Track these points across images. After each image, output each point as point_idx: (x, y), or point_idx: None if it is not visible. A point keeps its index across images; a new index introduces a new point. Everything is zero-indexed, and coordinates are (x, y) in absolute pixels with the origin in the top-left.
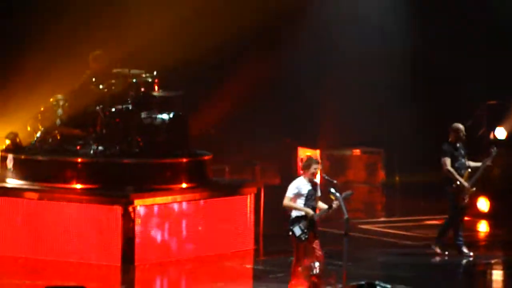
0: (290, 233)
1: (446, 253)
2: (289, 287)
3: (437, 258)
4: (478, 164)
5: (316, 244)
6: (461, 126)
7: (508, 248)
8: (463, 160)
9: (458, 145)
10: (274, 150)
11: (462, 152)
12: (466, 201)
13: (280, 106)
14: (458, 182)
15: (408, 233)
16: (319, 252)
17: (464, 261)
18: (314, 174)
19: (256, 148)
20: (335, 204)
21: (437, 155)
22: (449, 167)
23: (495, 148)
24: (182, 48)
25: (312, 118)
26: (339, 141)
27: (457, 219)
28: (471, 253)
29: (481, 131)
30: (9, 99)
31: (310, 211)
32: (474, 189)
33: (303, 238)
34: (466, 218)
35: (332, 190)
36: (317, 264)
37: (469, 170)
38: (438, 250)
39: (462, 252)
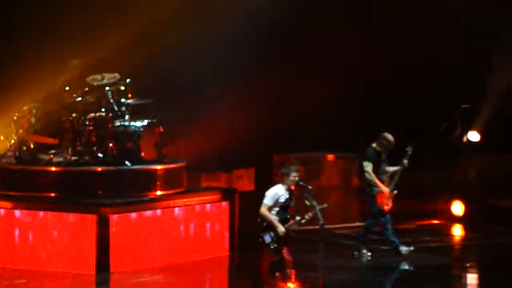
0: (261, 240)
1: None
2: None
3: (409, 261)
4: (397, 167)
5: (285, 251)
6: (390, 137)
7: (483, 252)
8: (384, 165)
9: (382, 152)
10: (248, 157)
11: (385, 157)
12: (390, 205)
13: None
14: (378, 188)
15: (382, 237)
16: (288, 257)
17: (438, 263)
18: (292, 182)
19: (232, 155)
20: (309, 216)
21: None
22: (370, 173)
23: (410, 147)
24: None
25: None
26: (313, 146)
27: (376, 221)
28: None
29: (455, 134)
30: None
31: (281, 228)
32: (396, 192)
33: (272, 247)
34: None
35: (307, 196)
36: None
37: (388, 174)
38: (364, 251)
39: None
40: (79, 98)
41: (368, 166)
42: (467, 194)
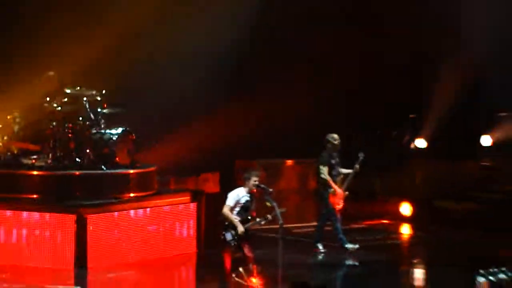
0: (222, 237)
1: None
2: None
3: (360, 257)
4: (350, 170)
5: (245, 248)
6: (336, 136)
7: (429, 249)
8: (337, 168)
9: (334, 154)
10: (214, 162)
11: (337, 160)
12: (341, 205)
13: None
14: (331, 189)
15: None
16: (248, 253)
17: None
18: (253, 186)
19: (199, 161)
20: (269, 217)
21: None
22: (326, 175)
23: (362, 153)
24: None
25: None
26: (274, 153)
27: (329, 220)
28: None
29: (404, 140)
30: None
31: (241, 228)
32: (347, 193)
33: (232, 244)
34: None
35: (268, 198)
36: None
37: (342, 176)
38: (320, 248)
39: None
40: (59, 108)
41: (323, 169)
42: (414, 196)
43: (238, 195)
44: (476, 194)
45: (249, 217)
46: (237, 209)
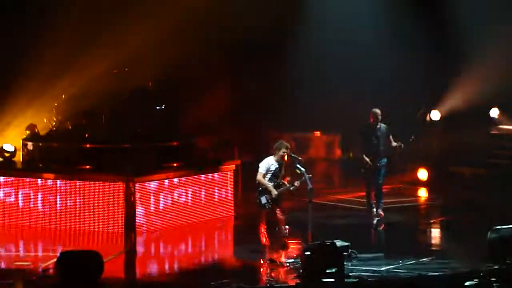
0: (258, 201)
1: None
2: (264, 245)
3: (382, 220)
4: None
5: (278, 211)
6: (378, 111)
7: (443, 211)
8: (380, 139)
9: (378, 126)
10: (249, 132)
11: (379, 133)
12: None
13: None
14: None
15: (362, 200)
16: (280, 216)
17: (409, 222)
18: (282, 156)
19: (234, 131)
20: (296, 184)
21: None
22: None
23: (397, 143)
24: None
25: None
26: (303, 125)
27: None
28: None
29: (419, 112)
30: (27, 94)
31: (274, 191)
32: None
33: (267, 207)
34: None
35: (298, 165)
36: (284, 227)
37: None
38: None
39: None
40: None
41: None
42: (431, 162)
43: (269, 163)
44: (487, 161)
45: (280, 183)
46: (269, 175)
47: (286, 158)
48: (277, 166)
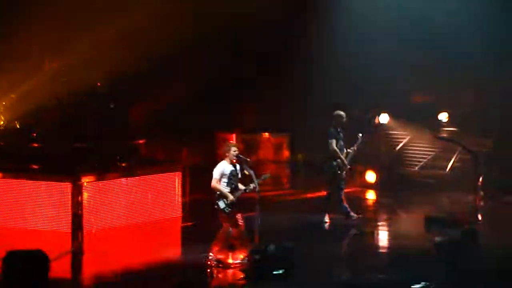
0: (216, 206)
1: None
2: (212, 247)
3: (329, 222)
4: (350, 149)
5: (238, 216)
6: (342, 113)
7: (388, 212)
8: (342, 143)
9: (339, 129)
10: (197, 135)
11: (342, 135)
12: (344, 175)
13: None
14: (339, 160)
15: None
16: (240, 221)
17: (354, 222)
18: (234, 156)
19: (183, 133)
20: (251, 186)
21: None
22: (335, 147)
23: (361, 135)
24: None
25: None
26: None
27: (339, 189)
28: (356, 215)
29: (369, 116)
30: None
31: (231, 196)
32: (349, 167)
33: (226, 211)
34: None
35: (245, 166)
36: (231, 229)
37: (346, 151)
38: (326, 218)
39: (349, 215)
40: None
41: (332, 142)
42: (379, 165)
43: (223, 167)
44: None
45: (236, 185)
46: (225, 179)
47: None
48: (233, 168)
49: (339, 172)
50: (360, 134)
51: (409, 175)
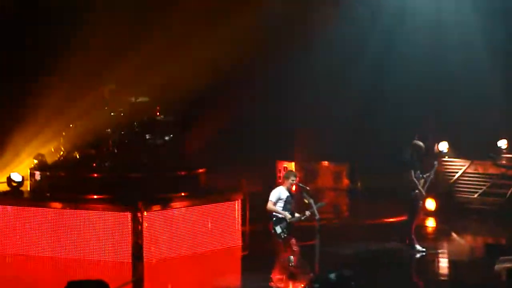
0: (273, 231)
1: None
2: (272, 276)
3: (394, 249)
4: (425, 175)
5: (292, 241)
6: (421, 144)
7: (451, 239)
8: (419, 172)
9: (415, 158)
10: (257, 163)
11: (418, 165)
12: (421, 204)
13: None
14: (417, 191)
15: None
16: (295, 247)
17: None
18: (292, 185)
19: (243, 161)
20: (307, 213)
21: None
22: (413, 178)
23: (436, 162)
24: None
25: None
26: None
27: (413, 219)
28: (422, 249)
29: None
30: (35, 125)
31: (288, 215)
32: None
33: (282, 236)
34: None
35: (305, 194)
36: (292, 257)
37: (424, 179)
38: (418, 247)
39: (414, 248)
40: (117, 116)
41: (411, 174)
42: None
43: (279, 192)
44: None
45: (292, 211)
46: (280, 204)
47: (294, 187)
48: (288, 194)
49: (416, 202)
50: (436, 162)
51: (468, 203)
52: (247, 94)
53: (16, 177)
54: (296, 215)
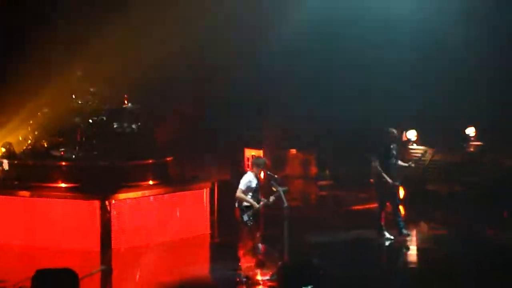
0: (240, 219)
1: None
2: (241, 264)
3: (363, 237)
4: (405, 164)
5: (258, 228)
6: (394, 130)
7: (419, 227)
8: (395, 160)
9: (392, 146)
10: (225, 151)
11: (395, 152)
12: (390, 192)
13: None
14: (383, 179)
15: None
16: (258, 234)
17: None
18: (260, 171)
19: (210, 149)
20: (271, 199)
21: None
22: (377, 165)
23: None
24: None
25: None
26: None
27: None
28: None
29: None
30: (1, 114)
31: (256, 204)
32: (397, 183)
33: (249, 224)
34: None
35: (273, 183)
36: (260, 245)
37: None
38: (387, 235)
39: (381, 234)
40: (82, 104)
41: (377, 162)
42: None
43: (249, 180)
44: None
45: (259, 198)
46: (250, 193)
47: (262, 175)
48: (257, 181)
49: (383, 189)
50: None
51: (437, 190)
52: (215, 81)
53: None
54: (261, 202)
